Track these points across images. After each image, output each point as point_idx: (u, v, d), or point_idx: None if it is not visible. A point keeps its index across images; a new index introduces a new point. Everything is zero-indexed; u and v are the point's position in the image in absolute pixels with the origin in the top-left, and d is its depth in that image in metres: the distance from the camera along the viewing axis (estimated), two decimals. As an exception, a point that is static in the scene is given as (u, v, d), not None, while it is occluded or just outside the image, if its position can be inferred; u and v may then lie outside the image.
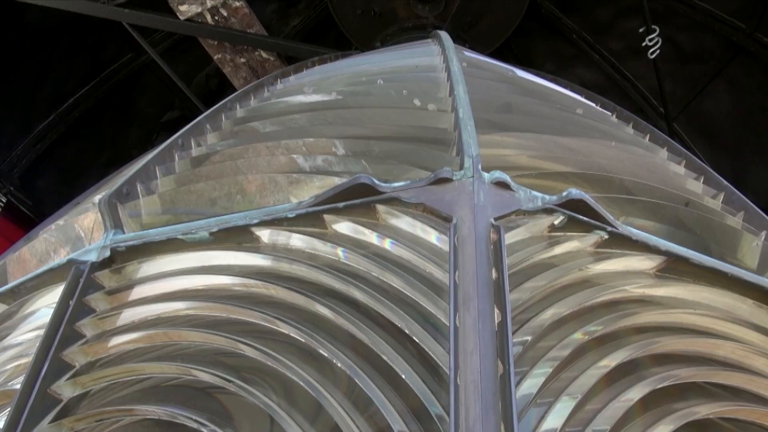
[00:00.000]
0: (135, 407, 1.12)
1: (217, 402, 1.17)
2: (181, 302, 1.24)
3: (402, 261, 1.13)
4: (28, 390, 1.15)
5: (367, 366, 1.03)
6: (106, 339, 1.24)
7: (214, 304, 1.21)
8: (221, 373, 1.11)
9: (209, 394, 1.19)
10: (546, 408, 1.03)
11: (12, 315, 1.49)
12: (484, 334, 0.94)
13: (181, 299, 1.24)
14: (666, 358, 1.16)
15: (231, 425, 1.11)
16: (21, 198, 4.76)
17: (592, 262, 1.16)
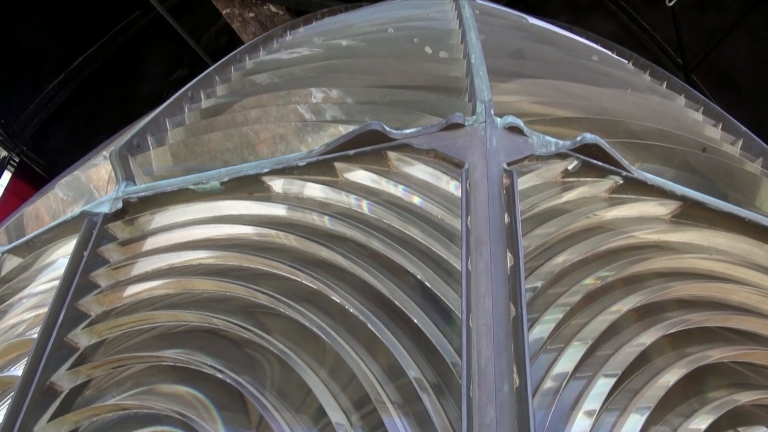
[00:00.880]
0: (152, 354, 1.13)
1: (233, 348, 1.18)
2: (194, 252, 1.24)
3: (413, 207, 1.12)
4: (45, 338, 1.17)
5: (379, 311, 1.03)
6: (120, 288, 1.25)
7: (227, 253, 1.21)
8: (236, 320, 1.11)
9: (226, 340, 1.20)
10: (557, 353, 1.03)
11: (28, 267, 1.51)
12: (497, 278, 0.93)
13: (193, 249, 1.24)
14: (680, 303, 1.15)
15: (248, 372, 1.12)
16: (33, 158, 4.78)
17: (606, 207, 1.14)
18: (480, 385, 0.85)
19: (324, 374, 1.05)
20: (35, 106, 4.84)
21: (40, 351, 1.15)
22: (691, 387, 1.12)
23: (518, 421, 0.82)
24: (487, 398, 0.84)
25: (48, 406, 1.12)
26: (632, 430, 1.02)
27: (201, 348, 1.15)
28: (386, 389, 0.98)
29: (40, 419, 1.10)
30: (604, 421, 1.04)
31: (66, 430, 1.12)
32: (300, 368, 1.03)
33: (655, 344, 1.09)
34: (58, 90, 4.98)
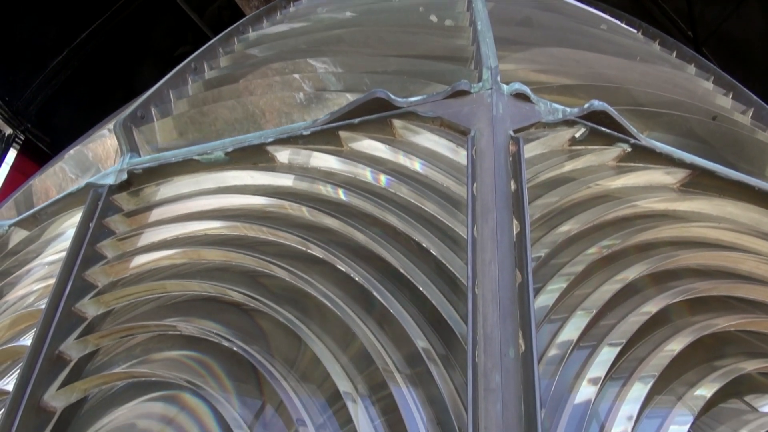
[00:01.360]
0: (159, 322, 1.14)
1: (241, 317, 1.19)
2: (199, 222, 1.25)
3: (419, 176, 1.11)
4: (53, 308, 1.18)
5: (385, 280, 1.03)
6: (126, 259, 1.26)
7: (232, 223, 1.21)
8: (243, 290, 1.12)
9: (233, 309, 1.20)
10: (561, 323, 1.03)
11: (34, 240, 1.52)
12: (503, 245, 0.93)
13: (199, 219, 1.25)
14: (686, 272, 1.15)
15: (256, 341, 1.13)
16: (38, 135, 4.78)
17: (613, 176, 1.13)
18: (485, 350, 0.85)
19: (331, 343, 1.05)
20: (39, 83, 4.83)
21: (48, 321, 1.17)
22: (697, 355, 1.12)
23: (524, 386, 0.83)
24: (493, 363, 0.84)
25: (57, 374, 1.13)
26: (636, 398, 1.03)
27: (209, 317, 1.16)
28: (394, 358, 0.98)
29: (50, 387, 1.12)
30: (608, 390, 1.05)
31: (75, 398, 1.14)
32: (307, 337, 1.03)
33: (661, 313, 1.08)
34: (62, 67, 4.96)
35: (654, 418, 1.07)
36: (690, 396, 1.09)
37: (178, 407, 1.13)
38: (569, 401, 1.01)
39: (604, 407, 1.04)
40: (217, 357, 1.14)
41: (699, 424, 1.10)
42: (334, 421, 1.03)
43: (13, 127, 4.65)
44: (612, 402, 1.04)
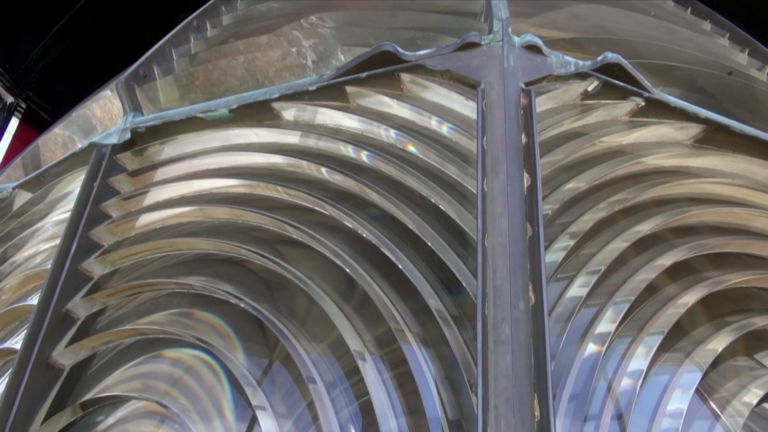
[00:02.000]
0: (167, 280, 1.14)
1: (249, 276, 1.19)
2: (204, 180, 1.24)
3: (427, 131, 1.10)
4: (59, 268, 1.18)
5: (393, 236, 1.03)
6: (131, 218, 1.26)
7: (237, 181, 1.20)
8: (252, 248, 1.11)
9: (240, 268, 1.20)
10: (568, 281, 1.03)
11: (38, 201, 1.52)
12: (513, 198, 0.92)
13: (204, 178, 1.24)
14: (698, 229, 1.14)
15: (266, 300, 1.13)
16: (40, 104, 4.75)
17: (626, 130, 1.12)
18: (495, 303, 0.85)
19: (341, 302, 1.05)
20: (39, 50, 4.77)
21: (54, 280, 1.17)
22: (708, 312, 1.11)
23: (533, 338, 0.83)
24: (502, 316, 0.84)
25: (65, 332, 1.14)
26: (645, 354, 1.03)
27: (217, 275, 1.15)
28: (405, 318, 0.98)
29: (58, 345, 1.12)
30: (616, 347, 1.05)
31: (83, 355, 1.14)
32: (318, 296, 1.02)
33: (671, 269, 1.07)
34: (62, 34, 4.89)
35: (662, 375, 1.07)
36: (699, 352, 1.09)
37: (186, 364, 1.13)
38: (577, 359, 1.01)
39: (611, 365, 1.04)
40: (225, 315, 1.14)
41: (707, 380, 1.10)
42: (344, 380, 1.04)
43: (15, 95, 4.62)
44: (620, 359, 1.04)
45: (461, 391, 0.93)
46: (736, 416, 1.09)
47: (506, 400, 0.78)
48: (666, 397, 1.05)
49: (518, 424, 0.77)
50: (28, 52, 4.81)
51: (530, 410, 0.78)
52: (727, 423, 1.07)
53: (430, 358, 0.94)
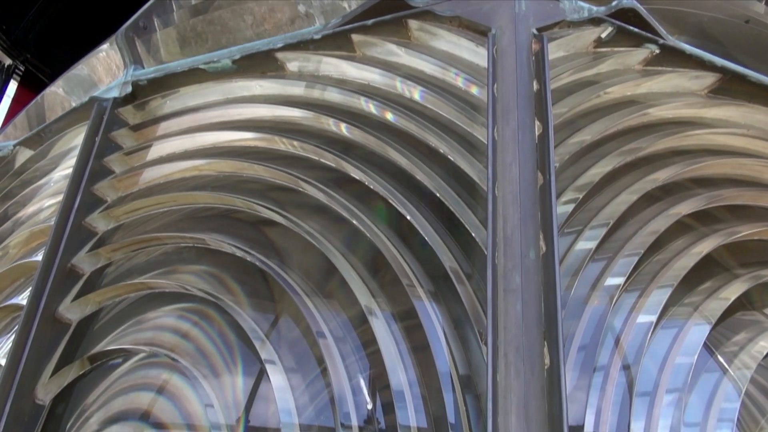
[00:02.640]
0: (172, 234, 1.13)
1: (256, 231, 1.18)
2: (208, 133, 1.22)
3: (436, 80, 1.07)
4: (63, 223, 1.17)
5: (402, 188, 1.01)
6: (135, 173, 1.24)
7: (242, 133, 1.18)
8: (261, 202, 1.10)
9: (246, 224, 1.19)
10: (576, 235, 1.01)
11: (41, 157, 1.50)
12: (524, 146, 0.90)
13: (207, 131, 1.22)
14: (710, 180, 1.12)
15: (274, 255, 1.12)
16: (39, 66, 4.70)
17: (639, 79, 1.09)
18: (505, 252, 0.84)
19: (352, 258, 1.04)
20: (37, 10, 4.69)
21: (58, 235, 1.16)
22: (719, 264, 1.10)
23: (544, 287, 0.82)
24: (513, 264, 0.83)
25: (71, 287, 1.14)
26: (657, 303, 1.02)
27: (223, 230, 1.14)
28: (416, 273, 0.97)
29: (64, 300, 1.12)
30: (624, 300, 1.04)
31: (90, 310, 1.14)
32: (328, 251, 1.01)
33: (682, 222, 1.06)
34: (59, -6, 4.80)
35: (670, 329, 1.07)
36: (708, 305, 1.08)
37: (193, 319, 1.13)
38: (585, 312, 1.00)
39: (620, 318, 1.04)
40: (232, 269, 1.13)
41: (715, 334, 1.10)
42: (353, 335, 1.03)
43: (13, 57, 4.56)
44: (628, 313, 1.04)
45: (471, 347, 0.93)
46: (743, 368, 1.09)
47: (516, 348, 0.78)
48: (674, 350, 1.05)
49: (528, 371, 0.76)
50: (25, 13, 4.73)
51: (540, 358, 0.77)
52: (734, 375, 1.07)
53: (440, 314, 0.94)
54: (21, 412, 1.02)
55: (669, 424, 0.99)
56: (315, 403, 1.02)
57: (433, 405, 0.92)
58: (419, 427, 0.92)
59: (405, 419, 0.91)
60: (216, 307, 1.10)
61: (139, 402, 1.10)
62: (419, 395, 0.93)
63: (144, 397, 1.09)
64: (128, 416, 1.09)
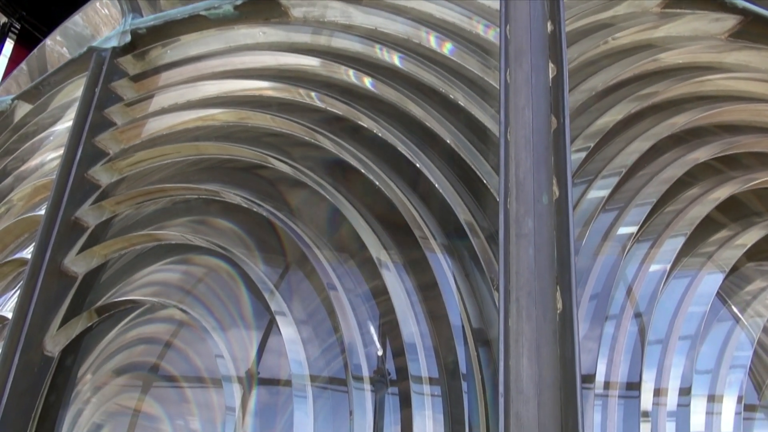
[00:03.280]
0: (178, 185, 1.12)
1: (264, 183, 1.17)
2: (210, 83, 1.20)
3: (446, 23, 1.05)
4: (65, 175, 1.17)
5: (412, 135, 1.00)
6: (137, 124, 1.23)
7: (246, 82, 1.17)
8: (269, 152, 1.09)
9: (254, 175, 1.18)
10: (587, 185, 1.00)
11: (40, 111, 1.49)
12: (537, 89, 0.88)
13: (209, 80, 1.20)
14: (727, 127, 1.10)
15: (286, 207, 1.11)
16: (35, 23, 4.63)
17: (657, 21, 1.06)
18: (518, 197, 0.83)
19: (363, 209, 1.03)
20: (30, -34, 4.61)
21: (61, 188, 1.16)
22: (732, 212, 1.09)
23: (557, 232, 0.81)
24: (525, 209, 0.82)
25: (75, 240, 1.14)
26: (670, 252, 1.02)
27: (229, 181, 1.14)
28: (429, 224, 0.96)
29: (69, 253, 1.12)
30: (637, 250, 1.04)
31: (96, 263, 1.15)
32: (339, 203, 1.01)
33: (696, 169, 1.05)
34: (52, -53, 4.71)
35: (683, 278, 1.07)
36: (722, 254, 1.08)
37: (202, 271, 1.13)
38: (596, 262, 1.00)
39: (632, 268, 1.03)
40: (240, 221, 1.13)
41: (728, 284, 1.10)
42: (365, 287, 1.03)
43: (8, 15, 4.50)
44: (640, 262, 1.04)
45: (485, 300, 0.93)
46: (756, 317, 1.09)
47: (528, 292, 0.78)
48: (686, 300, 1.05)
49: (540, 315, 0.76)
50: (19, -31, 4.64)
51: (552, 302, 0.77)
52: (746, 324, 1.08)
53: (453, 266, 0.94)
54: (30, 363, 1.03)
55: (680, 372, 0.99)
56: (325, 355, 1.02)
57: (445, 356, 0.93)
58: (431, 377, 0.93)
59: (416, 370, 0.91)
60: (225, 259, 1.10)
61: (148, 354, 1.11)
62: (431, 347, 0.94)
63: (153, 348, 1.10)
64: (137, 368, 1.11)
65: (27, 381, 1.02)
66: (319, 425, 0.97)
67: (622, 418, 0.94)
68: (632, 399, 0.97)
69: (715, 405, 1.01)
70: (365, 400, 0.96)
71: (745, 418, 1.01)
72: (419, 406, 0.91)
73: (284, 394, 1.03)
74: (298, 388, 0.97)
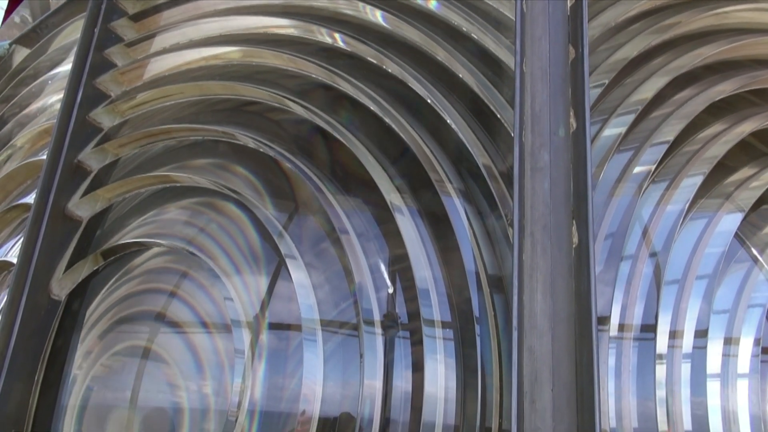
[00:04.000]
0: (184, 126, 1.11)
1: (272, 125, 1.16)
2: (214, 21, 1.18)
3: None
4: (66, 118, 1.16)
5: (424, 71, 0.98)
6: (138, 65, 1.21)
7: (252, 19, 1.14)
8: (272, 90, 1.07)
9: (262, 118, 1.17)
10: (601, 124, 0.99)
11: (38, 55, 1.47)
12: (555, 18, 0.86)
13: (213, 17, 1.18)
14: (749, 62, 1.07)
15: (296, 149, 1.10)
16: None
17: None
18: (533, 130, 0.82)
19: (377, 152, 1.02)
20: None
21: (62, 131, 1.15)
22: (753, 151, 1.08)
23: (573, 165, 0.80)
24: (541, 142, 0.81)
25: (79, 184, 1.14)
26: (687, 192, 1.01)
27: (237, 123, 1.13)
28: (445, 169, 0.95)
29: (73, 196, 1.12)
30: (653, 192, 1.03)
31: (100, 206, 1.15)
32: (352, 144, 0.99)
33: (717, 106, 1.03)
34: None
35: (700, 219, 1.06)
36: (741, 194, 1.06)
37: (210, 214, 1.13)
38: (612, 202, 0.99)
39: (648, 208, 1.02)
40: (249, 164, 1.12)
41: (747, 224, 1.08)
42: (377, 232, 1.03)
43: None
44: (657, 202, 1.03)
45: (500, 246, 0.92)
46: (776, 258, 1.08)
47: (543, 226, 0.77)
48: (704, 240, 1.04)
49: (555, 249, 0.76)
50: None
51: (568, 236, 0.77)
52: (765, 265, 1.07)
53: (470, 211, 0.93)
54: (37, 306, 1.04)
55: (696, 314, 0.99)
56: (336, 299, 1.03)
57: (458, 302, 0.92)
58: (443, 321, 0.93)
59: (429, 314, 0.91)
60: (234, 202, 1.10)
61: (155, 297, 1.12)
62: (444, 291, 0.94)
63: (160, 292, 1.11)
64: (145, 311, 1.12)
65: (34, 324, 1.04)
66: (329, 368, 0.98)
67: (637, 362, 0.95)
68: (647, 341, 0.97)
69: (732, 347, 1.01)
70: (376, 343, 0.97)
71: (763, 361, 1.01)
72: (431, 350, 0.91)
73: (294, 338, 1.04)
74: (308, 331, 0.98)
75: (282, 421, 1.00)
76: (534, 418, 0.69)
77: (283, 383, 1.02)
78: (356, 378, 0.96)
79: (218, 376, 1.04)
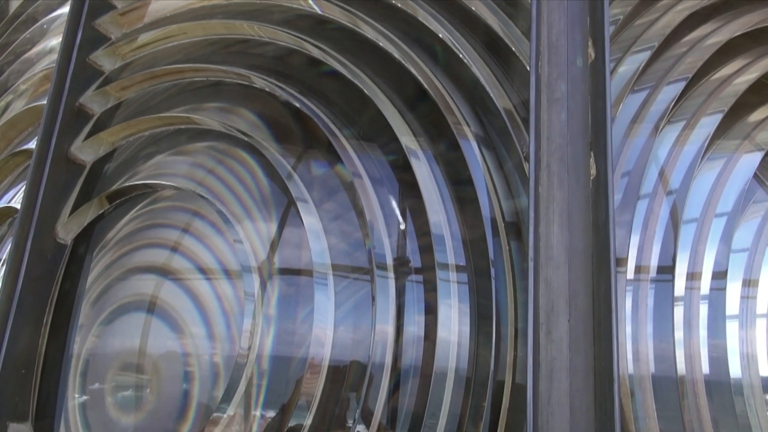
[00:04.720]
0: (191, 65, 1.10)
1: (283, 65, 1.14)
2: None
3: None
4: (66, 61, 1.14)
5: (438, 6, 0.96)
6: (138, 5, 1.20)
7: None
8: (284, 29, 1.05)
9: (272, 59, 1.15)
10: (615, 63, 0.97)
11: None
12: (573, -58, 0.84)
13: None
14: None
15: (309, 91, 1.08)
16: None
17: None
18: (549, 60, 0.81)
19: (392, 94, 1.01)
20: None
21: (62, 73, 1.14)
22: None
23: (591, 96, 0.79)
24: (558, 73, 0.80)
25: (81, 127, 1.13)
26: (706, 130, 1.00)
27: (245, 64, 1.11)
28: (463, 112, 0.94)
29: (75, 140, 1.12)
30: (668, 132, 1.01)
31: (104, 150, 1.15)
32: (365, 85, 0.98)
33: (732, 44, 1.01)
34: None
35: (718, 159, 1.05)
36: (759, 134, 1.05)
37: (218, 157, 1.13)
38: (626, 146, 0.98)
39: (663, 151, 1.01)
40: (259, 107, 1.11)
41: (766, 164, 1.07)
42: (392, 176, 1.02)
43: None
44: (672, 145, 1.02)
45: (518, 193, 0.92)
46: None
47: (560, 158, 0.77)
48: (722, 179, 1.04)
49: (572, 180, 0.76)
50: None
51: (586, 168, 0.77)
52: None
53: (487, 155, 0.92)
54: (43, 250, 1.05)
55: (714, 255, 0.99)
56: (349, 244, 1.03)
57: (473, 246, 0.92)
58: (457, 265, 0.93)
59: (443, 258, 0.91)
60: (243, 145, 1.09)
61: (163, 241, 1.12)
62: (459, 236, 0.93)
63: (168, 235, 1.11)
64: (153, 255, 1.12)
65: (41, 267, 1.04)
66: (340, 312, 0.98)
67: (653, 304, 0.95)
68: (665, 283, 0.97)
69: (751, 289, 1.01)
70: (388, 287, 0.97)
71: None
72: (444, 294, 0.91)
73: (305, 282, 1.04)
74: (319, 276, 0.98)
75: (293, 365, 1.01)
76: (550, 349, 0.70)
77: (294, 328, 1.03)
78: (368, 322, 0.96)
79: (228, 320, 1.05)
